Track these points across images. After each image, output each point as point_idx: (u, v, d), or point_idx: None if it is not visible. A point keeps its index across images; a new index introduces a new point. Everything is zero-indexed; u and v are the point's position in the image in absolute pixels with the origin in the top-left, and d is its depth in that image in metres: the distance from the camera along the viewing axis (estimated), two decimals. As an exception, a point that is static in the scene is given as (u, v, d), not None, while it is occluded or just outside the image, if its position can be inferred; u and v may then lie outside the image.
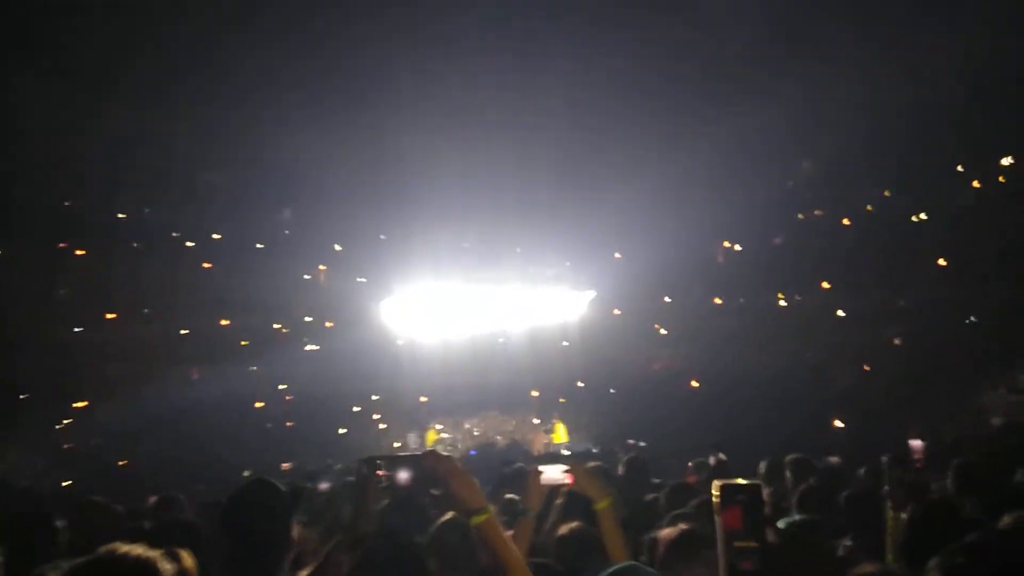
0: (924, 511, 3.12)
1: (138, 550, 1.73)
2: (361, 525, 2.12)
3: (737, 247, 23.88)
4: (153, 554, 1.74)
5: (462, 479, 2.04)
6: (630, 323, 23.43)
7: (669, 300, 23.76)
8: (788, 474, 5.83)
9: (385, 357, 23.11)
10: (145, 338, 21.00)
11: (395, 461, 2.10)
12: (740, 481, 1.90)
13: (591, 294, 23.99)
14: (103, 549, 1.73)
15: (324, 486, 5.94)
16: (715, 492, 1.86)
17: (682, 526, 2.87)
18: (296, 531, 2.72)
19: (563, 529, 3.21)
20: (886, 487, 3.86)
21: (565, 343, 24.22)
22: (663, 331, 23.80)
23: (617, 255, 24.15)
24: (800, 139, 21.03)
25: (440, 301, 23.07)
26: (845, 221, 22.52)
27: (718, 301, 23.42)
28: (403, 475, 2.07)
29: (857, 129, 19.34)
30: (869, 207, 22.34)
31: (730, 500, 1.84)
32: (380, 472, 2.09)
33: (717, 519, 1.81)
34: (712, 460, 7.60)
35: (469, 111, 19.97)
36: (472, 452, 19.76)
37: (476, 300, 23.41)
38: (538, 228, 23.16)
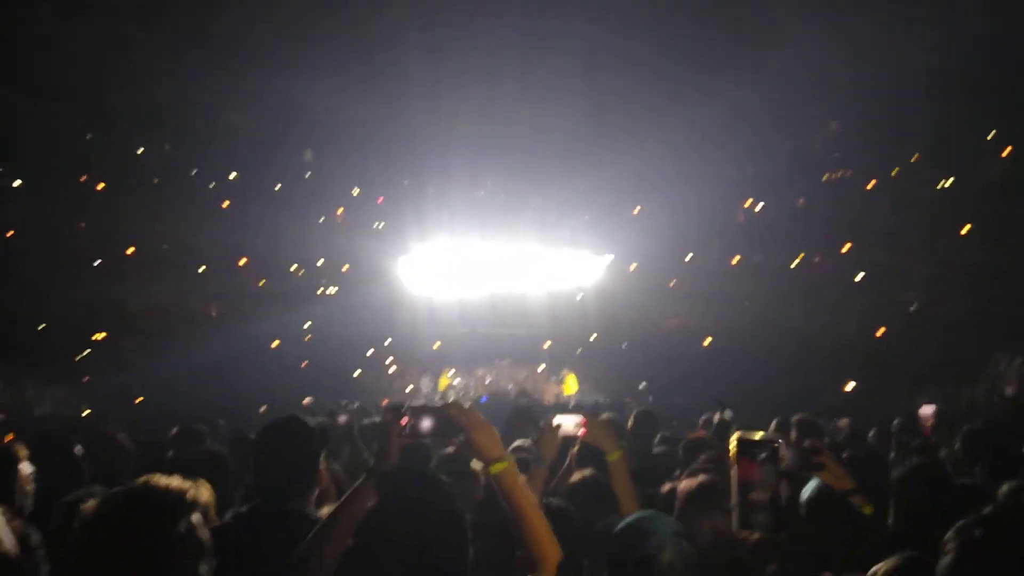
0: (910, 472, 3.13)
1: (175, 482, 1.79)
2: (382, 465, 2.16)
3: (759, 207, 23.60)
4: (188, 485, 1.80)
5: (483, 429, 2.08)
6: (646, 280, 23.42)
7: (690, 256, 23.65)
8: (794, 433, 5.92)
9: (401, 306, 23.27)
10: (164, 273, 21.20)
11: (419, 410, 2.14)
12: (758, 436, 1.92)
13: (609, 258, 23.98)
14: (140, 480, 1.79)
15: (343, 419, 6.05)
16: (732, 444, 1.90)
17: (701, 477, 2.92)
18: (322, 467, 2.75)
19: (576, 476, 3.24)
20: (892, 453, 3.87)
21: (580, 295, 24.26)
22: (678, 288, 23.72)
23: (636, 209, 23.97)
24: (829, 97, 20.57)
25: (457, 259, 23.23)
26: (871, 184, 22.19)
27: (736, 259, 23.27)
28: (425, 424, 2.11)
29: (888, 89, 18.90)
30: (896, 170, 21.97)
31: (747, 453, 1.88)
32: (404, 419, 2.14)
33: (732, 471, 1.86)
34: (717, 417, 7.63)
35: (490, 57, 19.67)
36: (483, 399, 19.99)
37: (493, 258, 23.53)
38: (556, 182, 23.01)
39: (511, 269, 23.86)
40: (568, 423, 2.93)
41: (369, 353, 23.14)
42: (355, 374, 22.14)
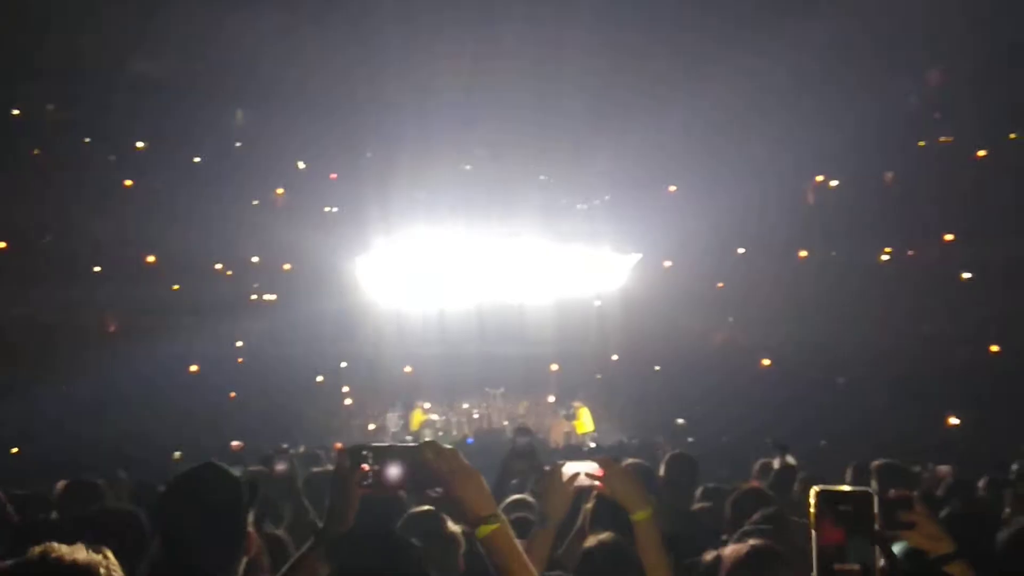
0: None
1: (80, 553, 1.81)
2: (335, 528, 2.18)
3: (833, 183, 23.61)
4: (97, 559, 1.83)
5: (469, 480, 2.10)
6: (684, 282, 23.48)
7: (742, 251, 23.69)
8: (874, 484, 5.89)
9: (360, 319, 23.27)
10: (44, 272, 21.07)
11: (385, 453, 2.14)
12: (845, 488, 1.95)
13: (636, 257, 24.04)
14: (34, 551, 1.81)
15: (281, 467, 6.10)
16: (812, 500, 1.92)
17: (752, 542, 2.91)
18: (251, 530, 2.75)
19: (591, 541, 3.25)
20: (1007, 508, 3.86)
21: (597, 303, 24.28)
22: (727, 293, 23.81)
23: (672, 188, 24.00)
24: (927, 40, 20.59)
25: (436, 258, 23.38)
26: (981, 154, 22.24)
27: (803, 255, 23.28)
28: (394, 471, 2.12)
29: (1006, 26, 18.90)
30: (1013, 135, 22.04)
31: (830, 511, 1.91)
32: (365, 466, 2.14)
33: (813, 534, 1.88)
34: (777, 462, 7.67)
35: None
36: (469, 440, 20.01)
37: (483, 257, 23.68)
38: (566, 153, 23.05)
39: (507, 271, 23.91)
40: (581, 471, 2.88)
41: (318, 381, 23.20)
42: (300, 409, 22.08)
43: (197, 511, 2.62)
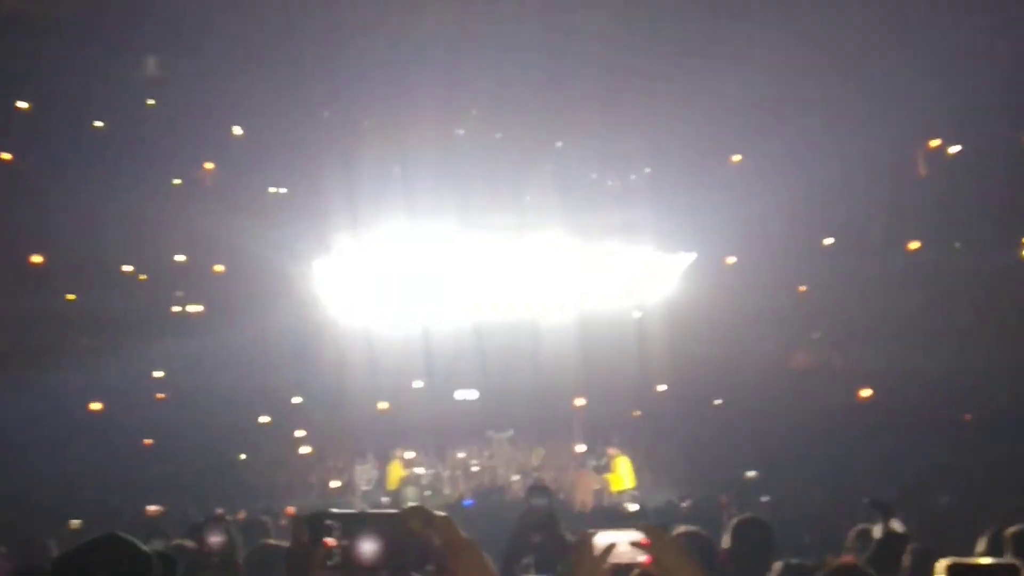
0: None
1: None
2: None
3: (953, 149, 23.57)
4: None
5: (467, 556, 2.17)
6: (753, 286, 23.48)
7: (830, 242, 23.66)
8: (1010, 555, 5.86)
9: (319, 336, 23.38)
10: None
11: (356, 522, 2.18)
12: (984, 561, 2.16)
13: (688, 257, 24.11)
14: None
15: (215, 539, 6.09)
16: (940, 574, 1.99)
17: None
18: None
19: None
20: None
21: (637, 314, 24.36)
22: (811, 300, 23.77)
23: (735, 158, 24.02)
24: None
25: (418, 259, 23.60)
26: None
27: (914, 247, 23.27)
28: (368, 547, 2.15)
29: None
30: None
31: None
32: (330, 540, 2.16)
33: None
34: (879, 529, 7.67)
35: None
36: (467, 503, 20.10)
37: (483, 258, 23.90)
38: (595, 109, 23.01)
39: (514, 276, 24.13)
40: (621, 544, 2.86)
41: (263, 422, 23.28)
42: (239, 458, 22.10)
43: None
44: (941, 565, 2.11)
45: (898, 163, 23.54)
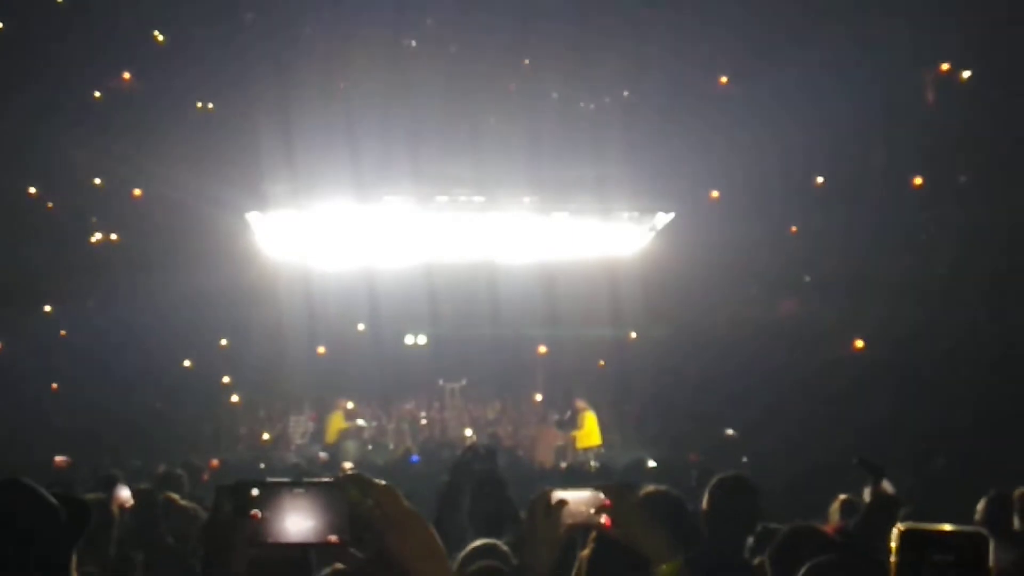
0: None
1: None
2: None
3: (966, 73, 23.27)
4: None
5: (413, 533, 2.07)
6: (737, 223, 23.23)
7: (822, 180, 23.54)
8: (1017, 520, 6.08)
9: (250, 269, 23.15)
10: None
11: (283, 491, 2.10)
12: (944, 528, 1.95)
13: (665, 218, 24.15)
14: None
15: (125, 495, 6.12)
16: (893, 543, 1.92)
17: None
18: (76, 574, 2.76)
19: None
20: None
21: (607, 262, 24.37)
22: (801, 241, 23.69)
23: (723, 80, 23.84)
24: None
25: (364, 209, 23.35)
26: None
27: (918, 183, 23.08)
28: (296, 521, 2.08)
29: None
30: None
31: (920, 560, 1.91)
32: (256, 513, 2.08)
33: None
34: (868, 493, 7.76)
35: None
36: (414, 459, 20.08)
37: (434, 205, 23.70)
38: (569, 23, 22.76)
39: (473, 228, 24.07)
40: (579, 503, 2.90)
41: (186, 366, 23.27)
42: (157, 408, 22.06)
43: None
44: (896, 530, 2.06)
45: (900, 89, 23.19)
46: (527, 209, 23.84)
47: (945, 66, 22.76)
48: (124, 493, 6.64)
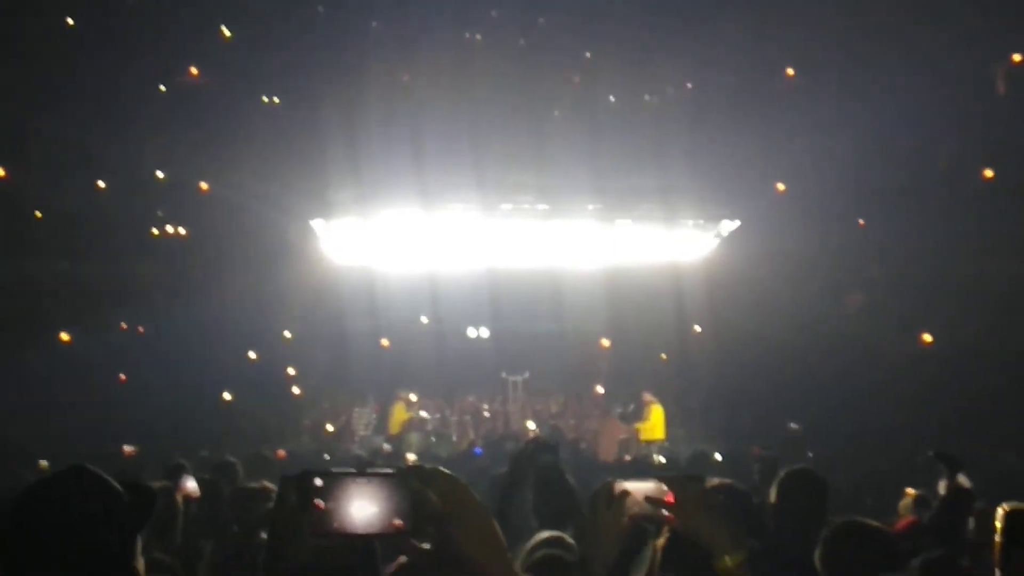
0: None
1: None
2: None
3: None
4: None
5: (474, 523, 2.07)
6: (805, 216, 23.06)
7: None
8: None
9: (317, 264, 23.23)
10: None
11: (346, 481, 2.09)
12: None
13: (731, 225, 24.08)
14: None
15: (191, 485, 6.13)
16: (999, 522, 1.91)
17: None
18: (141, 563, 2.76)
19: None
20: None
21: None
22: (870, 235, 23.44)
23: (790, 72, 23.66)
24: None
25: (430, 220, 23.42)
26: None
27: (989, 175, 22.76)
28: (359, 511, 2.08)
29: None
30: None
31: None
32: (320, 503, 2.08)
33: (998, 572, 1.86)
34: (943, 486, 7.64)
35: None
36: (477, 451, 20.17)
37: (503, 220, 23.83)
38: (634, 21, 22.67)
39: (537, 235, 24.12)
40: (642, 494, 2.90)
41: (251, 358, 23.40)
42: (224, 397, 22.29)
43: (56, 531, 2.64)
44: (1002, 510, 2.04)
45: (970, 81, 22.93)
46: (591, 217, 23.78)
47: (1017, 57, 22.44)
48: (191, 483, 6.69)
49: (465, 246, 24.03)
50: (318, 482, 2.08)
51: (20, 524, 2.70)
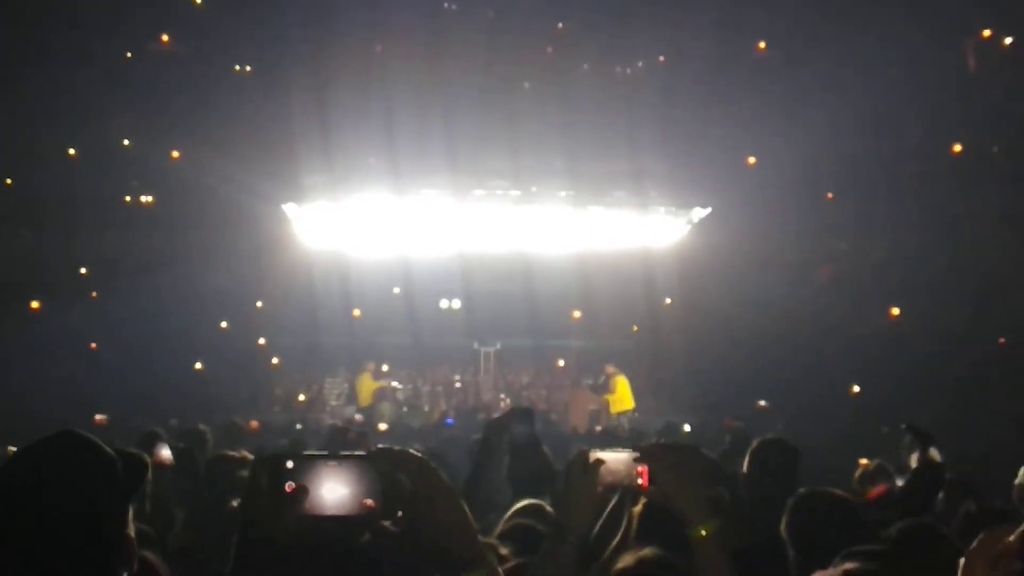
0: None
1: None
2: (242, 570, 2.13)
3: (1007, 40, 22.88)
4: None
5: (446, 505, 2.09)
6: (773, 191, 22.95)
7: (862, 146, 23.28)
8: None
9: (288, 235, 23.25)
10: None
11: (317, 464, 2.11)
12: None
13: (702, 212, 24.16)
14: None
15: (166, 453, 6.12)
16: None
17: (847, 567, 3.00)
18: (132, 531, 2.71)
19: (627, 559, 3.26)
20: None
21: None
22: (840, 207, 23.45)
23: (761, 45, 23.61)
24: None
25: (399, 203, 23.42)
26: None
27: (957, 150, 22.80)
28: (332, 491, 2.10)
29: None
30: None
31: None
32: (289, 484, 2.10)
33: (969, 557, 1.86)
34: (915, 459, 7.66)
35: None
36: (448, 421, 20.17)
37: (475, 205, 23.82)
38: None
39: (508, 219, 24.12)
40: (616, 463, 2.92)
41: (222, 327, 23.33)
42: (195, 367, 22.25)
43: (47, 498, 2.59)
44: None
45: (940, 55, 22.84)
46: (563, 203, 23.84)
47: (987, 32, 22.50)
48: (165, 452, 6.68)
49: (437, 231, 24.02)
50: (290, 465, 2.09)
51: (7, 491, 2.61)
